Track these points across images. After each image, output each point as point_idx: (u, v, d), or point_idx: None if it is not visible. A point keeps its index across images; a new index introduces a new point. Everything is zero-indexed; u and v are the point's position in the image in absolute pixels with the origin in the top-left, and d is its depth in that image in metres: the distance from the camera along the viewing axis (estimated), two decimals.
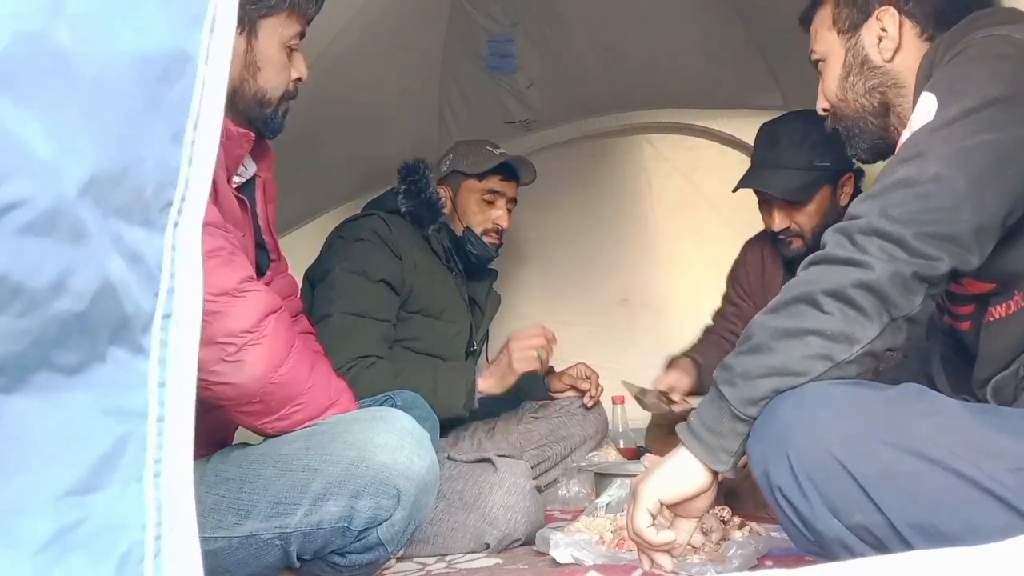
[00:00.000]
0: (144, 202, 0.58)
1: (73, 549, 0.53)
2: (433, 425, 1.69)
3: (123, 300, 0.57)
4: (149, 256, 0.59)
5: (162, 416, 0.58)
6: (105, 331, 0.56)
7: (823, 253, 0.95)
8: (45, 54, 0.53)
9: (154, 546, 0.56)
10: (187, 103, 0.61)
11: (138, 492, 0.56)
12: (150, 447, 0.57)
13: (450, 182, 2.18)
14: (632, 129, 2.92)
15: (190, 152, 0.61)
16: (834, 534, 0.86)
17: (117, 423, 0.56)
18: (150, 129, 0.59)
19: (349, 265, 1.93)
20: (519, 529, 1.64)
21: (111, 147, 0.56)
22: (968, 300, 1.06)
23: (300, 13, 1.37)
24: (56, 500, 0.53)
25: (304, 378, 1.25)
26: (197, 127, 0.62)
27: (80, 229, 0.54)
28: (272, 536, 1.20)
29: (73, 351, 0.55)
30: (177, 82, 0.60)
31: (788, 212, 1.94)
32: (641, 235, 2.95)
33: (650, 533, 1.00)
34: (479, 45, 2.55)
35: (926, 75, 1.06)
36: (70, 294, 0.54)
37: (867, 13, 1.19)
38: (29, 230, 0.51)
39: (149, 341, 0.58)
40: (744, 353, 0.96)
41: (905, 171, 0.94)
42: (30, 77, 0.52)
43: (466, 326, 2.20)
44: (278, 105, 1.39)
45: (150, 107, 0.59)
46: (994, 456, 0.83)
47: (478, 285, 2.28)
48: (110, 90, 0.57)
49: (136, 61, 0.58)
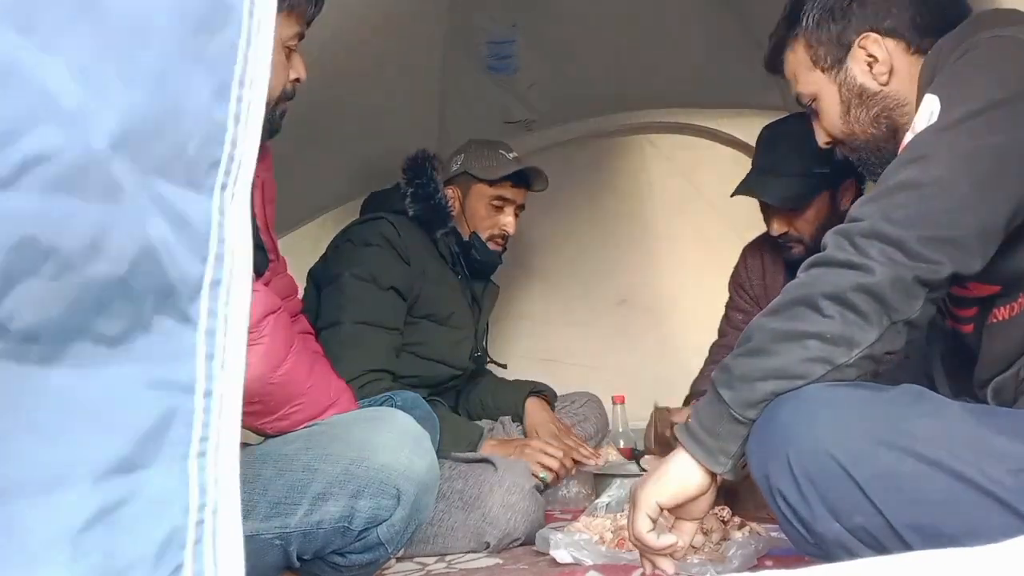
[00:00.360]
0: (187, 160, 0.54)
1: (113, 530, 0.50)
2: (433, 425, 1.69)
3: (167, 265, 0.53)
4: (196, 219, 0.54)
5: (210, 391, 0.54)
6: (149, 298, 0.52)
7: (823, 255, 0.95)
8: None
9: (196, 531, 0.53)
10: (232, 56, 0.56)
11: (182, 472, 0.53)
12: (196, 424, 0.53)
13: (459, 183, 2.14)
14: (632, 129, 2.92)
15: (236, 110, 0.56)
16: (834, 536, 0.86)
17: (162, 397, 0.53)
18: (190, 80, 0.54)
19: (359, 271, 1.90)
20: (519, 529, 1.64)
21: (146, 96, 0.52)
22: (971, 303, 1.06)
23: (299, 13, 1.36)
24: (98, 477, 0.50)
25: (303, 378, 1.25)
26: (243, 83, 0.57)
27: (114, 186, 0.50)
28: (272, 536, 1.20)
29: (115, 320, 0.51)
30: (219, 32, 0.55)
31: (786, 218, 1.92)
32: (641, 235, 2.95)
33: (651, 537, 1.00)
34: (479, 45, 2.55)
35: (928, 78, 1.06)
36: (107, 257, 0.50)
37: (847, 45, 1.17)
38: (57, 186, 0.48)
39: (197, 310, 0.54)
40: (743, 355, 0.96)
41: (907, 173, 0.94)
42: (54, 18, 0.48)
43: (471, 332, 2.18)
44: (276, 105, 1.39)
45: (189, 56, 0.54)
46: (994, 457, 0.83)
47: (478, 282, 2.27)
48: (142, 33, 0.52)
49: (171, 5, 0.54)
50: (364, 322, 1.86)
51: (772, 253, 2.09)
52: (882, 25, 1.14)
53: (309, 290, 2.06)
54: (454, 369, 2.10)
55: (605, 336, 2.88)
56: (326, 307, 1.90)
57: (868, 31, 1.15)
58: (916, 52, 1.14)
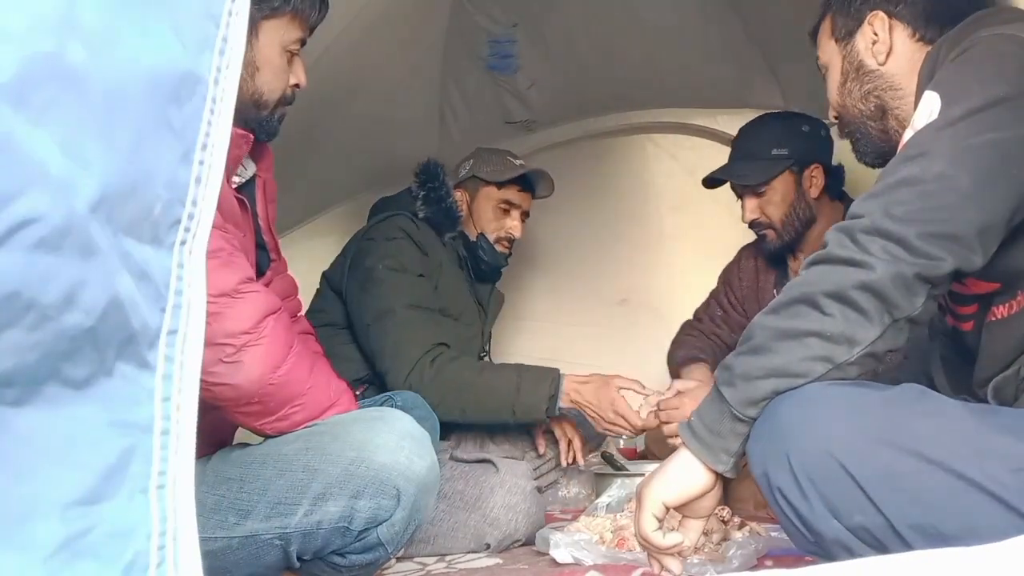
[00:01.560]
0: (153, 220, 0.60)
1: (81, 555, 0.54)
2: (433, 425, 1.70)
3: (130, 316, 0.58)
4: (156, 273, 0.60)
5: (167, 430, 0.59)
6: (112, 346, 0.57)
7: (824, 253, 0.95)
8: (58, 72, 0.54)
9: (158, 555, 0.57)
10: (197, 123, 0.62)
11: (143, 503, 0.58)
12: (155, 459, 0.59)
13: (468, 187, 2.20)
14: (633, 129, 2.92)
15: (198, 172, 0.62)
16: (834, 535, 0.86)
17: (123, 436, 0.58)
18: (160, 148, 0.60)
19: (390, 263, 1.95)
20: (520, 530, 1.64)
21: (122, 164, 0.57)
22: (971, 300, 1.06)
23: (303, 18, 1.37)
24: (65, 508, 0.55)
25: (303, 379, 1.26)
26: (206, 147, 0.63)
27: (91, 245, 0.55)
28: (272, 536, 1.20)
29: (82, 365, 0.56)
30: (187, 102, 0.62)
31: (756, 202, 2.04)
32: (642, 235, 2.95)
33: (656, 537, 1.00)
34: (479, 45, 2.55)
35: (929, 74, 1.06)
36: (80, 309, 0.55)
37: (859, 20, 1.21)
38: (41, 246, 0.52)
39: (155, 356, 0.60)
40: (744, 354, 0.96)
41: (908, 170, 0.94)
42: (44, 96, 0.53)
43: (479, 330, 2.24)
44: (274, 109, 1.39)
45: (161, 126, 0.60)
46: (994, 457, 0.82)
47: (482, 286, 2.31)
48: (122, 108, 0.58)
49: (148, 80, 0.59)
50: (416, 305, 1.91)
51: (767, 259, 2.15)
52: (894, 8, 1.18)
53: (323, 292, 2.10)
54: None
55: (605, 336, 2.88)
56: (368, 301, 1.94)
57: (879, 10, 1.18)
58: (921, 40, 1.16)
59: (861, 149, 1.26)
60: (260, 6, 1.32)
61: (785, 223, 2.01)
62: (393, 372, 1.84)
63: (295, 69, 1.40)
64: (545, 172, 2.24)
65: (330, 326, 1.99)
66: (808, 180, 2.02)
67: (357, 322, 1.96)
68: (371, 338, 1.91)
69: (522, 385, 1.80)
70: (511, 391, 1.79)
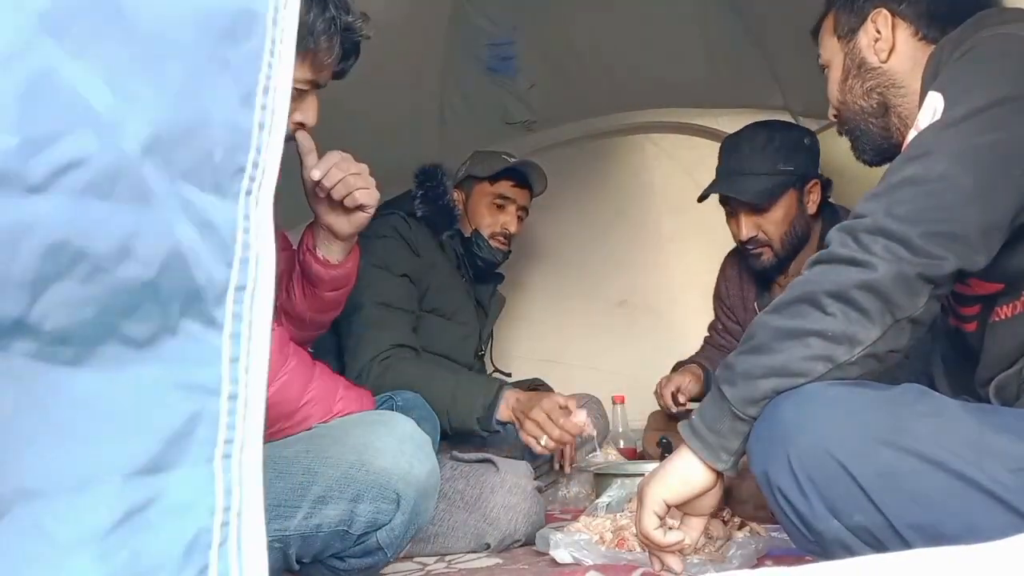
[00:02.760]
0: (214, 166, 0.55)
1: (141, 531, 0.51)
2: (434, 426, 1.69)
3: (194, 269, 0.54)
4: (221, 224, 0.55)
5: (234, 394, 0.55)
6: (176, 302, 0.53)
7: (827, 252, 0.95)
8: (100, 4, 0.50)
9: (221, 533, 0.54)
10: (257, 64, 0.58)
11: (208, 474, 0.54)
12: (222, 426, 0.55)
13: (463, 186, 2.22)
14: (633, 129, 2.92)
15: (261, 117, 0.58)
16: (834, 534, 0.86)
17: (188, 400, 0.54)
18: (216, 88, 0.55)
19: (374, 260, 1.96)
20: (520, 530, 1.64)
21: (174, 104, 0.53)
22: (974, 301, 1.06)
23: (314, 59, 1.28)
24: (125, 478, 0.51)
25: (296, 396, 1.26)
26: (268, 91, 0.58)
27: (145, 191, 0.51)
28: (271, 539, 1.20)
29: (143, 322, 0.52)
30: (244, 41, 0.57)
31: (755, 220, 1.95)
32: (642, 235, 2.95)
33: (658, 535, 1.00)
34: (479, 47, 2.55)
35: (932, 74, 1.06)
36: (136, 260, 0.51)
37: (863, 17, 1.22)
38: (89, 190, 0.48)
39: (223, 314, 0.55)
40: (745, 353, 0.96)
41: (911, 169, 0.94)
42: (85, 27, 0.49)
43: (475, 330, 2.24)
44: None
45: (216, 64, 0.55)
46: (995, 457, 0.82)
47: (483, 287, 2.32)
48: (170, 43, 0.53)
49: (198, 15, 0.55)
50: (385, 303, 1.92)
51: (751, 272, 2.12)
52: (897, 6, 1.19)
53: None
54: (458, 365, 2.12)
55: (605, 336, 2.88)
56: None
57: (882, 7, 1.19)
58: (923, 39, 1.17)
59: (860, 147, 1.26)
60: None
61: (784, 241, 1.94)
62: (350, 367, 1.86)
63: (302, 107, 1.31)
64: (535, 163, 2.24)
65: None
66: (808, 196, 1.97)
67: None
68: (342, 334, 1.92)
69: (457, 393, 1.78)
70: (446, 398, 1.77)
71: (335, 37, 1.30)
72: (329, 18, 1.28)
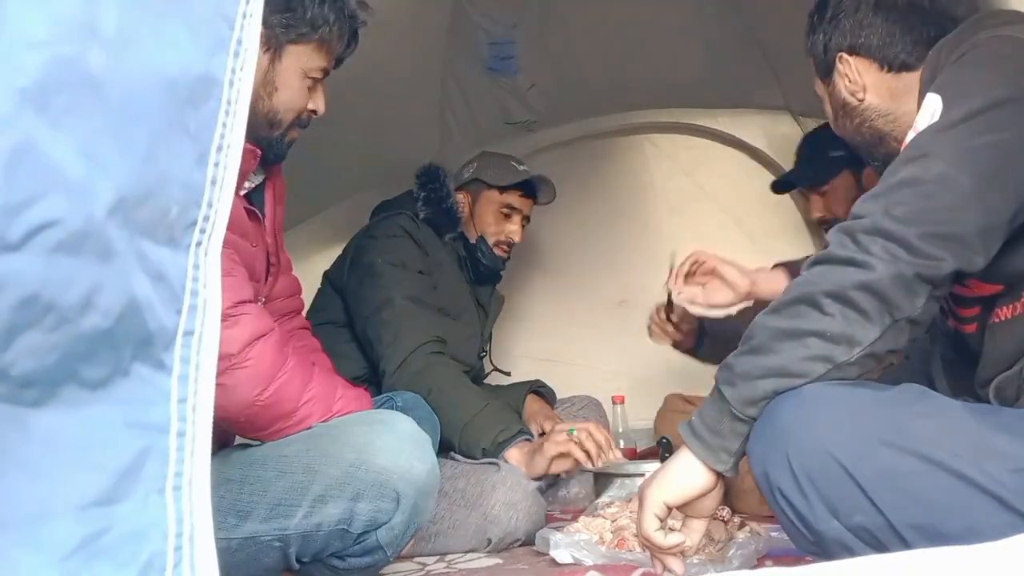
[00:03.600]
0: (169, 222, 0.60)
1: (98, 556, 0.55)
2: (434, 426, 1.70)
3: (147, 317, 0.59)
4: (173, 274, 0.61)
5: (183, 431, 0.60)
6: (129, 347, 0.58)
7: (825, 253, 0.95)
8: (78, 78, 0.55)
9: (174, 556, 0.58)
10: (212, 125, 0.63)
11: (159, 503, 0.58)
12: (171, 460, 0.59)
13: (470, 189, 2.23)
14: (633, 129, 2.92)
15: (213, 174, 0.63)
16: (834, 535, 0.86)
17: (139, 437, 0.58)
18: (177, 150, 0.61)
19: (391, 258, 1.98)
20: (520, 528, 1.64)
21: (139, 167, 0.58)
22: (974, 302, 1.06)
23: (328, 48, 1.37)
24: (81, 509, 0.55)
25: (294, 397, 1.26)
26: (221, 149, 0.63)
27: (109, 248, 0.56)
28: (272, 538, 1.20)
29: (99, 366, 0.57)
30: (203, 104, 0.62)
31: (820, 201, 2.17)
32: (642, 235, 2.95)
33: (658, 537, 1.00)
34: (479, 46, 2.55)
35: (930, 77, 1.07)
36: (98, 311, 0.56)
37: (830, 64, 1.26)
38: (61, 249, 0.53)
39: (171, 357, 0.60)
40: (744, 353, 0.96)
41: (910, 171, 0.94)
42: (64, 101, 0.54)
43: (478, 330, 2.25)
44: (287, 129, 1.39)
45: (177, 129, 0.61)
46: (995, 457, 0.83)
47: (483, 288, 2.33)
48: (139, 111, 0.58)
49: (164, 83, 0.60)
50: (414, 297, 1.94)
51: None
52: (855, 43, 1.22)
53: (324, 291, 2.13)
54: (463, 366, 2.12)
55: (605, 336, 2.88)
56: (367, 294, 1.97)
57: (843, 50, 1.23)
58: (891, 70, 1.20)
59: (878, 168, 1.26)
60: (287, 30, 1.32)
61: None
62: (388, 359, 1.86)
63: (315, 96, 1.40)
64: (548, 179, 2.26)
65: (330, 324, 2.01)
66: (867, 180, 2.09)
67: (356, 316, 1.98)
68: (369, 328, 1.93)
69: (478, 416, 1.79)
70: (467, 415, 1.78)
71: (344, 25, 1.37)
72: (338, 8, 1.35)
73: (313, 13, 1.32)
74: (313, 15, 1.32)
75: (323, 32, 1.34)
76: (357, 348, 2.00)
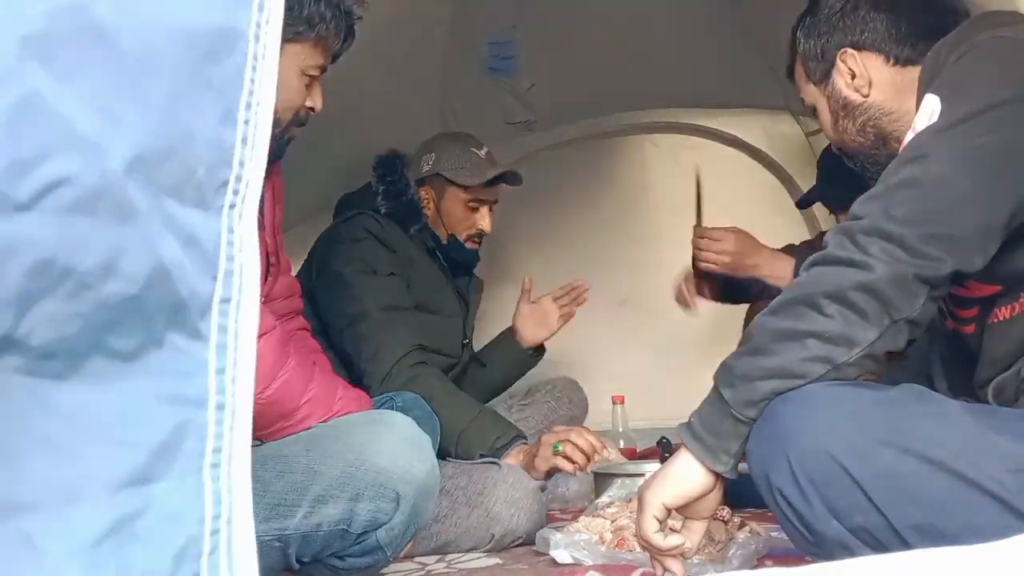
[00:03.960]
0: (197, 182, 0.57)
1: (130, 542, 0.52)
2: (434, 427, 1.69)
3: (178, 283, 0.55)
4: (205, 238, 0.57)
5: (221, 404, 0.56)
6: (161, 315, 0.55)
7: (824, 254, 0.95)
8: (84, 28, 0.52)
9: (211, 541, 0.54)
10: (239, 81, 0.59)
11: (196, 483, 0.54)
12: (210, 435, 0.56)
13: (433, 184, 2.13)
14: (633, 129, 2.92)
15: (243, 132, 0.59)
16: (834, 535, 0.86)
17: (175, 411, 0.55)
18: (199, 106, 0.57)
19: (359, 266, 1.93)
20: (522, 527, 1.64)
21: (157, 123, 0.55)
22: (973, 303, 1.06)
23: (325, 45, 1.37)
24: (113, 490, 0.52)
25: (295, 396, 1.26)
26: (251, 106, 0.60)
27: (129, 208, 0.52)
28: (271, 538, 1.20)
29: (128, 336, 0.53)
30: (226, 59, 0.58)
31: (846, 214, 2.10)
32: (642, 235, 2.95)
33: (658, 538, 1.00)
34: (480, 46, 2.55)
35: (928, 79, 1.06)
36: (122, 276, 0.52)
37: (831, 60, 1.22)
38: (75, 208, 0.50)
39: (208, 326, 0.57)
40: (744, 354, 0.96)
41: (908, 171, 0.94)
42: (70, 52, 0.51)
43: (460, 320, 2.21)
44: (286, 128, 1.39)
45: (198, 83, 0.57)
46: (995, 457, 0.83)
47: (460, 278, 2.27)
48: (153, 65, 0.55)
49: (180, 36, 0.56)
50: (390, 307, 1.90)
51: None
52: (859, 39, 1.19)
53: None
54: (449, 358, 2.11)
55: (605, 336, 2.88)
56: (340, 306, 1.92)
57: (846, 46, 1.20)
58: (896, 63, 1.18)
59: (871, 174, 1.24)
60: (284, 30, 1.31)
61: None
62: (369, 374, 1.83)
63: (312, 93, 1.40)
64: (514, 171, 2.17)
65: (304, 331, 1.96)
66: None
67: (331, 328, 1.92)
68: (346, 342, 1.89)
69: (474, 423, 1.79)
70: (463, 421, 1.78)
71: (341, 21, 1.37)
72: (335, 5, 1.34)
73: (310, 11, 1.32)
74: (310, 13, 1.32)
75: (320, 30, 1.34)
76: (336, 356, 1.92)
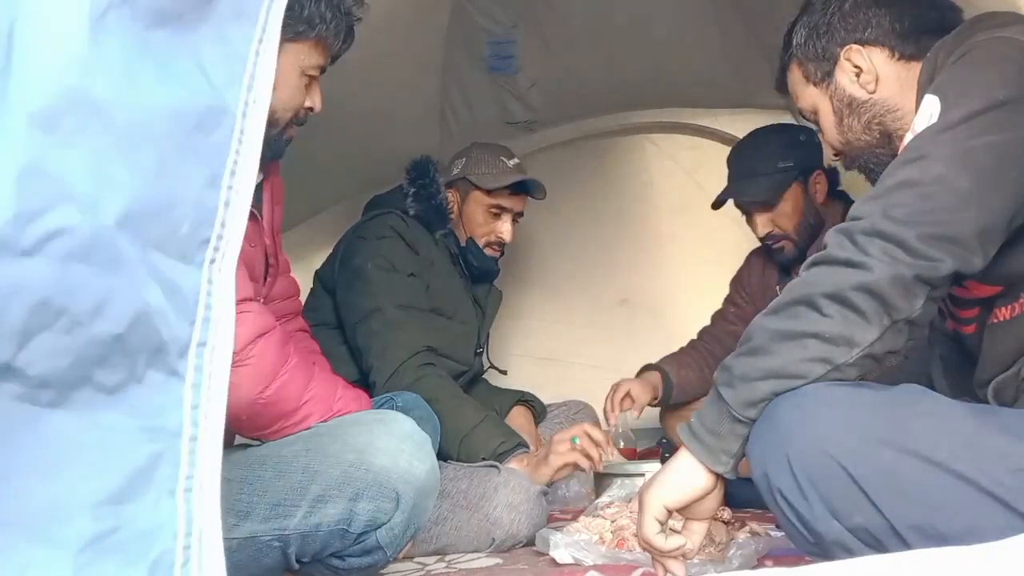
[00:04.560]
0: (181, 238, 0.65)
1: (109, 552, 0.59)
2: (434, 427, 1.70)
3: (160, 326, 0.63)
4: (186, 288, 0.65)
5: (195, 436, 0.63)
6: (143, 354, 0.62)
7: (824, 254, 0.95)
8: (85, 104, 0.60)
9: (183, 555, 0.61)
10: (224, 152, 0.67)
11: (170, 505, 0.62)
12: (183, 464, 0.63)
13: (459, 187, 2.16)
14: (633, 128, 2.92)
15: (227, 196, 0.67)
16: (834, 535, 0.86)
17: (153, 441, 0.62)
18: (186, 172, 0.65)
19: (380, 262, 1.94)
20: (522, 531, 1.64)
21: (147, 185, 0.63)
22: (973, 304, 1.06)
23: (325, 45, 1.37)
24: (94, 507, 0.59)
25: (295, 396, 1.26)
26: (235, 174, 0.68)
27: (118, 257, 0.60)
28: (271, 538, 1.20)
29: (113, 371, 0.61)
30: (213, 132, 0.67)
31: (767, 216, 2.07)
32: (642, 235, 2.95)
33: (659, 540, 1.00)
34: (480, 46, 2.55)
35: (928, 79, 1.06)
36: (109, 317, 0.60)
37: (833, 58, 1.20)
38: (71, 256, 0.58)
39: (185, 366, 0.64)
40: (743, 355, 0.96)
41: (908, 172, 0.94)
42: (71, 123, 0.59)
43: (474, 328, 2.21)
44: (285, 128, 1.39)
45: (186, 153, 0.65)
46: (994, 457, 0.83)
47: (480, 286, 2.29)
48: (145, 136, 0.63)
49: (170, 113, 0.65)
50: (404, 305, 1.91)
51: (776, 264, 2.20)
52: (863, 36, 1.18)
53: (316, 291, 2.09)
54: (460, 364, 2.11)
55: (605, 336, 2.88)
56: (356, 300, 1.94)
57: (851, 43, 1.18)
58: (901, 58, 1.17)
59: (876, 177, 1.23)
60: (284, 29, 1.31)
61: (799, 231, 2.05)
62: (377, 370, 1.84)
63: (312, 93, 1.40)
64: (537, 181, 2.18)
65: (323, 326, 1.97)
66: (813, 187, 2.08)
67: (346, 320, 1.95)
68: (358, 335, 1.90)
69: (478, 428, 1.79)
70: (467, 426, 1.78)
71: (341, 22, 1.38)
72: (335, 5, 1.35)
73: (310, 11, 1.32)
74: (310, 13, 1.32)
75: (320, 30, 1.34)
76: (349, 351, 1.96)
